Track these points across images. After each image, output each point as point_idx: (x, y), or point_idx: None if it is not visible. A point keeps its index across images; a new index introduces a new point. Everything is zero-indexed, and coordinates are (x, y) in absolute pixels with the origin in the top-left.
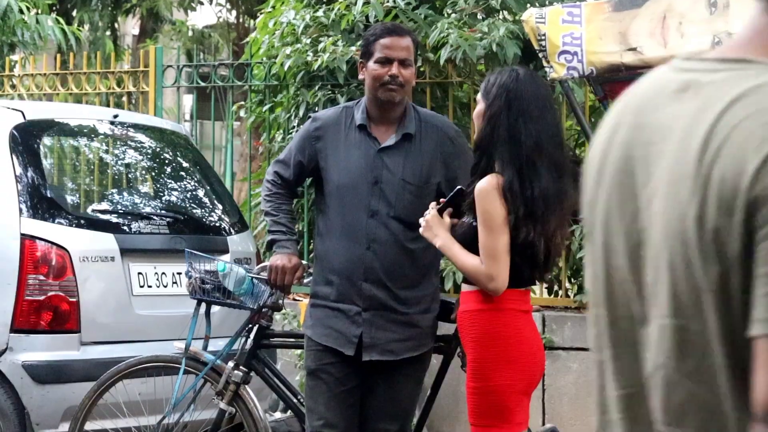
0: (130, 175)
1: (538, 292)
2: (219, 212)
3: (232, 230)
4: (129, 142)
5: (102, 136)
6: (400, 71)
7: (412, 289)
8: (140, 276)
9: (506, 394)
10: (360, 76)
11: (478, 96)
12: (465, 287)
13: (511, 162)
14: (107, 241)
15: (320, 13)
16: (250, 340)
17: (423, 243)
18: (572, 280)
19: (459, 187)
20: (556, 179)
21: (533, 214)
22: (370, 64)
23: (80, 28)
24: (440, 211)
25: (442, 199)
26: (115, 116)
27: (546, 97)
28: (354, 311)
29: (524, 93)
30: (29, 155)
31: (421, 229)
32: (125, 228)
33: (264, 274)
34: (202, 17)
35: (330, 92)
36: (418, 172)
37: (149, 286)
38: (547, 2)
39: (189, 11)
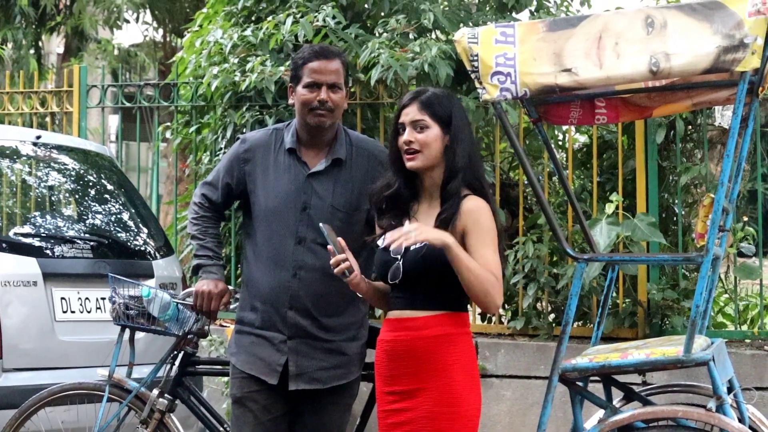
0: (53, 198)
1: (471, 318)
2: (144, 236)
3: (157, 254)
4: (52, 164)
5: (25, 158)
6: (330, 96)
7: (337, 316)
8: (63, 301)
9: (475, 418)
10: (290, 101)
11: (427, 119)
12: (425, 312)
13: (487, 185)
14: (30, 266)
15: (248, 32)
16: (175, 367)
17: None
18: (506, 306)
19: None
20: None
21: None
22: (299, 88)
23: (3, 47)
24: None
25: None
26: (38, 137)
27: None
28: (279, 339)
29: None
30: None
31: (414, 235)
32: (48, 252)
33: (189, 300)
34: (128, 36)
35: (258, 113)
36: (348, 199)
37: (72, 312)
38: (480, 22)
39: (115, 30)
